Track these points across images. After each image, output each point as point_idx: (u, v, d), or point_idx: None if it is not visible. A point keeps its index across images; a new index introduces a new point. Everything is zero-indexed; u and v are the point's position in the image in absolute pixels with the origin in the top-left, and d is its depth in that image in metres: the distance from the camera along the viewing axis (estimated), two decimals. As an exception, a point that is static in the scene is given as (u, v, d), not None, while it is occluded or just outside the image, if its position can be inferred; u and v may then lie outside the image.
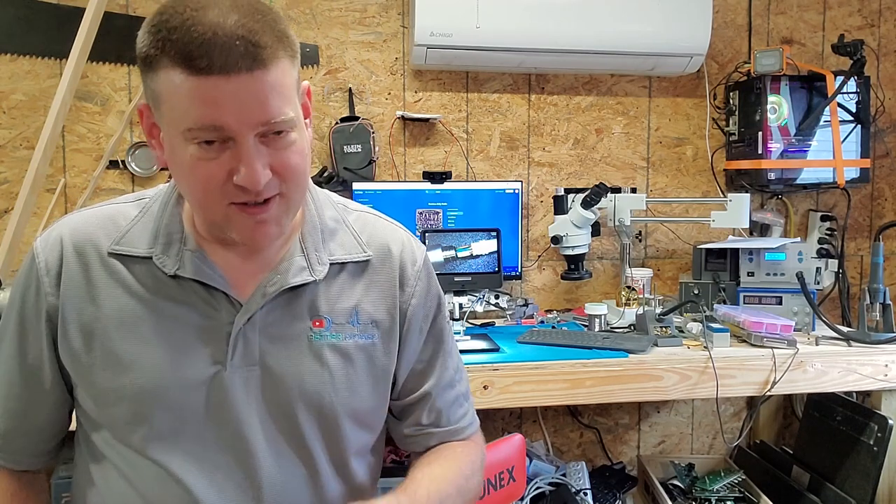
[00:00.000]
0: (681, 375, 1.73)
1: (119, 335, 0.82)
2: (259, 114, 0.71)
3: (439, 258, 1.89)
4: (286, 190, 0.77)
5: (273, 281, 0.84)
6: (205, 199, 0.76)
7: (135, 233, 0.85)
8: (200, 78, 0.69)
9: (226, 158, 0.73)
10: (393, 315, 0.90)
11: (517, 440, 1.64)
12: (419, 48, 2.09)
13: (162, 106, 0.73)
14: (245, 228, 0.78)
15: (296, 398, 0.84)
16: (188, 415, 0.82)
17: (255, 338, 0.83)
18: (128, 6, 2.10)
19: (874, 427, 1.86)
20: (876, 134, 2.48)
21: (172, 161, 0.77)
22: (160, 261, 0.83)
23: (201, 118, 0.70)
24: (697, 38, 2.19)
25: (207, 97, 0.69)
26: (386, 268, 0.91)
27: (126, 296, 0.83)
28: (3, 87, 2.03)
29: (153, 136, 0.80)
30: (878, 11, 2.51)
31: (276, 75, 0.72)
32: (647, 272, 2.21)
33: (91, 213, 0.88)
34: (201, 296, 0.83)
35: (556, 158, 2.37)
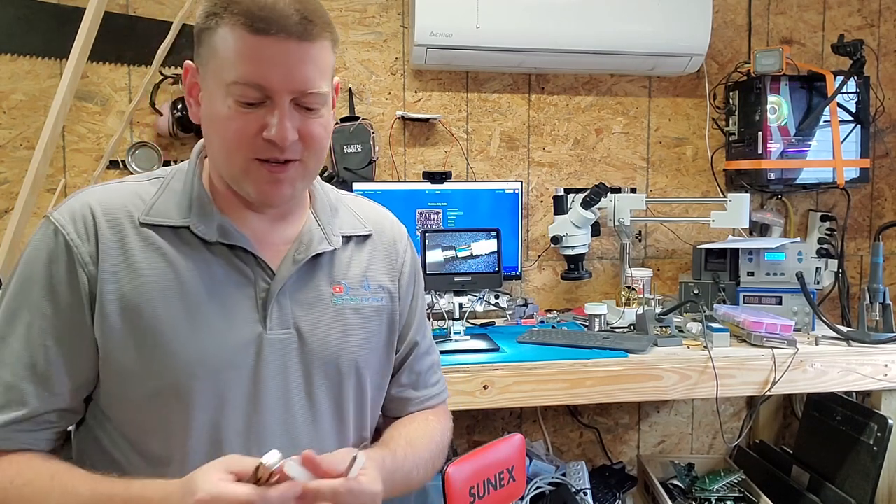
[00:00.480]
0: (681, 375, 1.73)
1: (162, 303, 0.83)
2: (299, 80, 0.81)
3: (439, 258, 1.89)
4: (306, 157, 0.85)
5: (300, 249, 0.91)
6: (234, 149, 0.82)
7: (161, 205, 0.87)
8: (257, 37, 0.78)
9: (260, 114, 0.81)
10: (393, 281, 1.01)
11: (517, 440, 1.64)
12: (419, 48, 2.09)
13: (212, 61, 0.81)
14: (261, 183, 0.84)
15: (329, 358, 0.91)
16: (235, 378, 0.85)
17: (287, 303, 0.89)
18: (128, 6, 2.10)
19: (874, 427, 1.86)
20: (876, 134, 2.48)
21: (209, 115, 0.83)
22: (199, 229, 0.86)
23: (249, 73, 0.78)
24: (697, 38, 2.19)
25: (259, 55, 0.78)
26: (383, 241, 1.02)
27: (164, 262, 0.85)
28: (4, 87, 2.03)
29: (192, 94, 0.87)
30: (878, 11, 2.51)
31: (320, 52, 0.83)
32: (646, 272, 2.21)
33: (112, 187, 0.89)
34: (234, 263, 0.87)
35: (555, 158, 2.38)
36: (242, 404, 0.85)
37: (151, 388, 0.83)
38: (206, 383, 0.84)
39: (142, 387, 0.83)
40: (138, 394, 0.83)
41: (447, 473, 1.44)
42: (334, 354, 0.91)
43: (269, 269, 0.89)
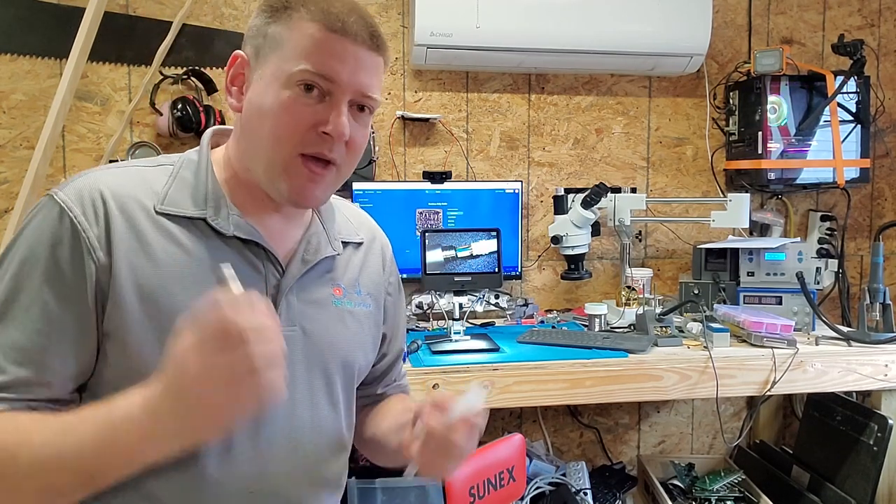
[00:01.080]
0: (681, 375, 1.73)
1: (182, 293, 0.81)
2: (364, 82, 0.84)
3: (439, 258, 1.89)
4: (343, 163, 0.87)
5: (308, 250, 0.93)
6: (284, 139, 0.82)
7: (174, 195, 0.86)
8: (334, 35, 0.82)
9: (319, 108, 0.82)
10: (380, 291, 1.04)
11: (517, 440, 1.64)
12: (419, 48, 2.09)
13: (276, 52, 0.83)
14: (299, 181, 0.85)
15: (331, 357, 0.93)
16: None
17: (294, 301, 0.90)
18: (128, 6, 2.10)
19: (874, 427, 1.86)
20: (876, 134, 2.48)
21: (259, 104, 0.84)
22: (216, 222, 0.86)
23: (322, 64, 0.81)
24: (697, 38, 2.19)
25: (334, 51, 0.82)
26: (374, 250, 1.05)
27: (182, 253, 0.83)
28: (4, 86, 2.03)
29: (236, 83, 0.88)
30: (878, 11, 2.51)
31: (380, 65, 0.87)
32: (647, 272, 2.21)
33: (120, 172, 0.87)
34: (246, 257, 0.87)
35: (556, 158, 2.37)
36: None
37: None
38: None
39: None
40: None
41: (447, 473, 1.43)
42: (333, 353, 0.94)
43: (279, 265, 0.90)
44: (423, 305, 2.10)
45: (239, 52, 0.88)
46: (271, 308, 0.72)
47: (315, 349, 0.92)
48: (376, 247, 1.06)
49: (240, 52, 0.88)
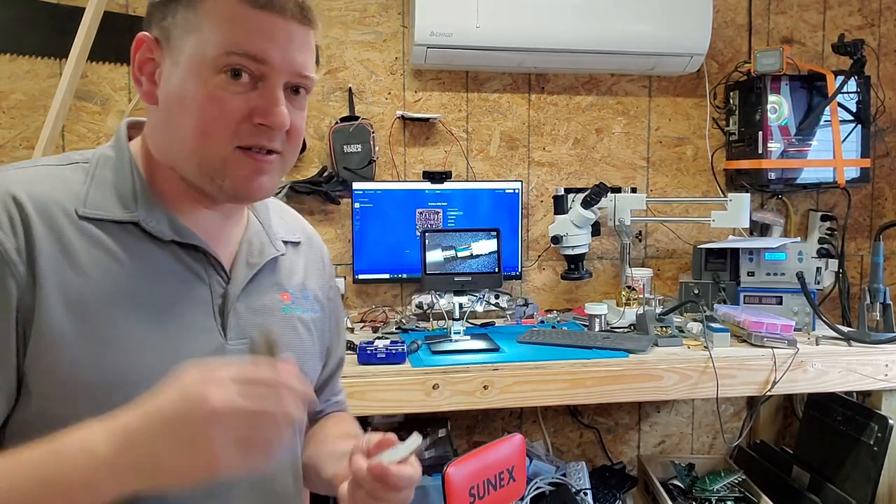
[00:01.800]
0: (681, 375, 1.73)
1: (117, 307, 0.72)
2: (299, 62, 0.75)
3: (439, 258, 1.89)
4: (286, 150, 0.79)
5: (252, 252, 0.84)
6: (214, 133, 0.73)
7: (96, 196, 0.75)
8: (258, 11, 0.72)
9: (252, 96, 0.73)
10: (324, 293, 0.96)
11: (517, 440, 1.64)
12: (419, 48, 2.09)
13: (191, 35, 0.73)
14: (242, 174, 0.75)
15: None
16: None
17: (243, 311, 0.81)
18: (127, 6, 2.10)
19: (874, 427, 1.86)
20: (876, 133, 2.48)
21: (178, 95, 0.74)
22: (150, 225, 0.75)
23: (249, 44, 0.72)
24: (697, 38, 2.19)
25: (261, 28, 0.72)
26: (314, 249, 0.97)
27: (113, 262, 0.73)
28: (3, 86, 2.03)
29: (144, 70, 0.77)
30: (879, 11, 2.50)
31: (312, 39, 0.78)
32: (647, 272, 2.21)
33: (32, 172, 0.75)
34: (187, 263, 0.78)
35: (556, 158, 2.37)
36: None
37: (107, 404, 0.68)
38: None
39: (95, 402, 0.69)
40: (90, 410, 0.67)
41: (447, 473, 1.43)
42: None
43: (223, 271, 0.81)
44: (423, 305, 2.09)
45: (144, 35, 0.76)
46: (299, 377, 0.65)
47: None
48: (315, 246, 0.98)
49: (145, 35, 0.76)
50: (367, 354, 1.66)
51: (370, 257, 2.13)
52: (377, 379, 1.62)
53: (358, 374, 1.62)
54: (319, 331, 0.93)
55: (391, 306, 2.27)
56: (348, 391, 1.60)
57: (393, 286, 2.28)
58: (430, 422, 2.08)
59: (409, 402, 1.63)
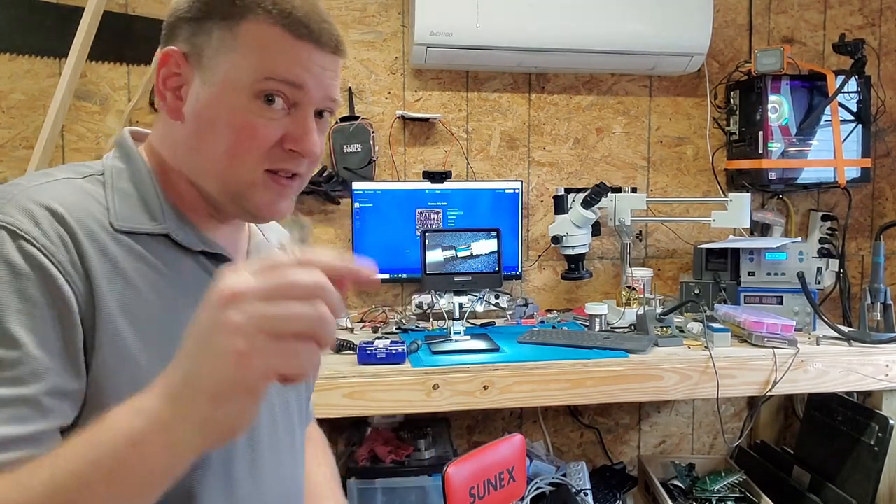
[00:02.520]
0: (681, 375, 1.73)
1: (167, 316, 0.72)
2: (331, 90, 0.78)
3: (439, 258, 1.89)
4: (305, 172, 0.80)
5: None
6: (244, 158, 0.75)
7: (123, 210, 0.74)
8: (298, 40, 0.74)
9: (285, 122, 0.75)
10: None
11: (517, 440, 1.63)
12: (419, 47, 2.08)
13: (228, 55, 0.74)
14: (268, 198, 0.77)
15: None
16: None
17: None
18: (127, 6, 2.10)
19: (875, 427, 1.86)
20: (877, 133, 2.48)
21: (210, 115, 0.74)
22: (180, 237, 0.76)
23: (289, 71, 0.74)
24: (698, 38, 2.19)
25: (301, 58, 0.74)
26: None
27: (153, 273, 0.73)
28: (3, 86, 2.02)
29: (169, 85, 0.76)
30: (879, 11, 2.50)
31: (340, 67, 0.81)
32: (647, 272, 2.21)
33: (61, 186, 0.73)
34: (211, 272, 0.78)
35: (556, 158, 2.37)
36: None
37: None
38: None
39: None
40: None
41: (447, 474, 1.43)
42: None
43: None
44: (423, 305, 2.09)
45: (172, 50, 0.75)
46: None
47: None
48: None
49: (173, 50, 0.75)
50: (367, 354, 1.66)
51: (370, 257, 2.12)
52: (377, 379, 1.62)
53: (358, 374, 1.62)
54: None
55: (391, 306, 2.27)
56: (348, 391, 1.61)
57: (393, 286, 2.28)
58: (430, 422, 2.08)
59: (409, 402, 1.62)
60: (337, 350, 1.77)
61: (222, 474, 0.75)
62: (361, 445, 1.93)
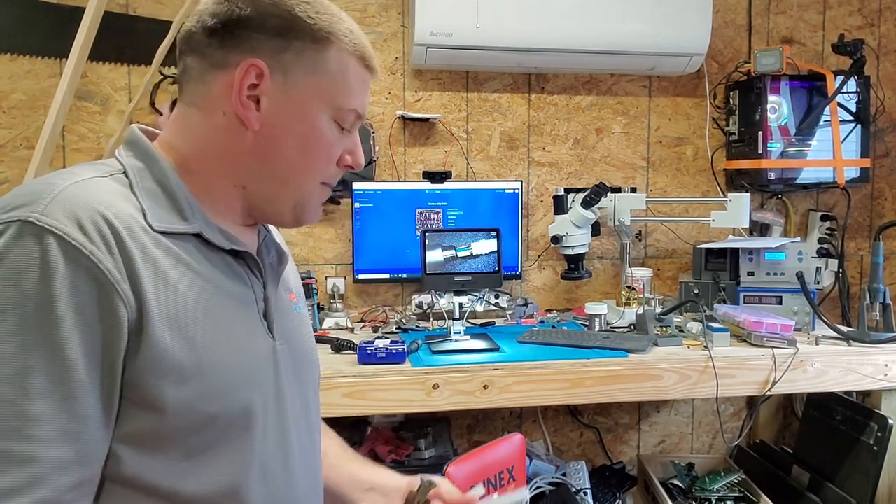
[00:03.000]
0: (681, 375, 1.73)
1: (207, 320, 0.73)
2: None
3: (439, 258, 1.89)
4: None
5: (273, 258, 0.90)
6: (318, 170, 0.83)
7: (154, 209, 0.73)
8: (367, 72, 0.84)
9: (344, 142, 0.84)
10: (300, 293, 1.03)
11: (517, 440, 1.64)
12: (419, 48, 2.09)
13: (315, 76, 0.79)
14: (318, 205, 0.86)
15: (309, 367, 0.91)
16: (269, 395, 0.80)
17: (275, 313, 0.85)
18: (128, 6, 2.10)
19: (874, 427, 1.86)
20: (876, 133, 2.48)
21: (286, 127, 0.79)
22: (210, 236, 0.77)
23: (362, 105, 0.84)
24: (697, 38, 2.19)
25: (366, 90, 0.85)
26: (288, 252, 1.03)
27: (191, 274, 0.74)
28: (4, 86, 2.03)
29: (248, 94, 0.77)
30: (878, 11, 2.51)
31: None
32: (646, 272, 2.21)
33: (96, 186, 0.71)
34: (236, 271, 0.81)
35: (556, 158, 2.37)
36: (276, 422, 0.80)
37: (207, 418, 0.71)
38: (256, 402, 0.77)
39: (196, 420, 0.70)
40: (190, 430, 0.70)
41: (447, 473, 1.43)
42: (313, 363, 0.94)
43: (261, 277, 0.84)
44: (423, 305, 2.10)
45: (257, 62, 0.76)
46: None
47: (299, 364, 0.88)
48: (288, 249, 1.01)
49: (258, 63, 0.76)
50: (367, 354, 1.67)
51: (370, 257, 2.13)
52: (377, 379, 1.62)
53: (358, 374, 1.62)
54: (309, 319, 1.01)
55: (391, 306, 2.27)
56: (349, 390, 1.62)
57: (393, 286, 2.28)
58: (431, 421, 2.08)
59: (409, 402, 1.63)
60: (337, 349, 1.77)
61: (261, 470, 0.77)
62: (362, 445, 1.93)
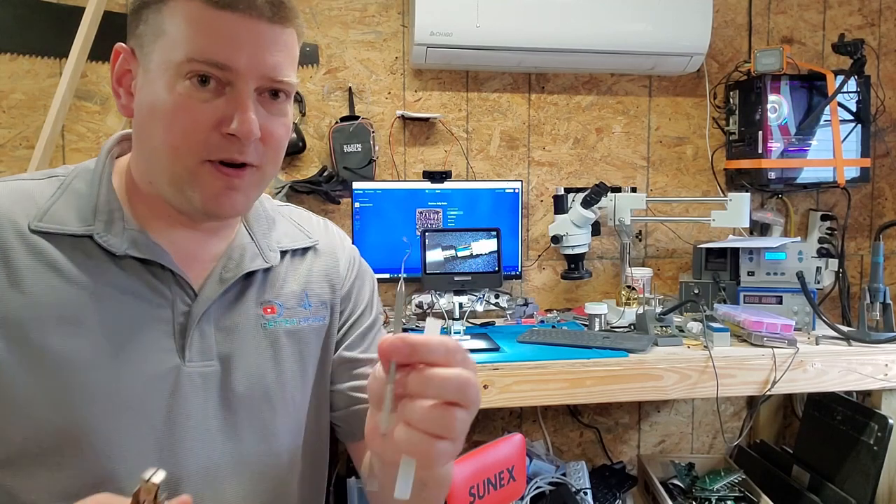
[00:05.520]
0: (681, 375, 1.73)
1: (58, 327, 0.68)
2: (269, 65, 0.70)
3: (439, 258, 1.89)
4: (264, 162, 0.74)
5: (228, 266, 0.79)
6: (182, 145, 0.69)
7: (59, 210, 0.72)
8: (221, 11, 0.67)
9: (219, 104, 0.69)
10: (339, 296, 0.90)
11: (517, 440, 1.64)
12: (419, 47, 2.08)
13: (158, 41, 0.69)
14: (212, 190, 0.71)
15: (260, 393, 0.79)
16: (143, 420, 0.71)
17: (209, 329, 0.76)
18: (127, 5, 2.10)
19: (874, 427, 1.86)
20: (876, 133, 2.48)
21: (149, 105, 0.70)
22: (104, 239, 0.72)
23: (211, 50, 0.67)
24: (698, 38, 2.19)
25: (224, 31, 0.67)
26: (330, 253, 0.91)
27: (59, 280, 0.70)
28: (3, 86, 2.03)
29: (123, 83, 0.74)
30: (878, 11, 2.50)
31: (290, 38, 0.72)
32: (647, 271, 2.21)
33: (5, 186, 0.74)
34: (147, 281, 0.74)
35: (556, 158, 2.37)
36: (153, 451, 0.71)
37: (41, 434, 0.67)
38: (109, 424, 0.69)
39: (31, 419, 0.67)
40: (19, 443, 0.67)
41: (447, 473, 1.43)
42: (265, 389, 0.79)
43: (190, 288, 0.76)
44: (423, 305, 2.09)
45: (120, 45, 0.73)
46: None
47: (240, 386, 0.77)
48: (331, 249, 0.92)
49: (121, 45, 0.73)
50: (367, 354, 1.66)
51: (370, 257, 2.12)
52: (377, 378, 1.62)
53: (358, 374, 1.62)
54: (326, 336, 0.87)
55: (391, 306, 2.27)
56: (348, 391, 1.61)
57: (393, 286, 2.28)
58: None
59: (409, 402, 1.62)
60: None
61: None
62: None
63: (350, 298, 0.92)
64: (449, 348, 0.54)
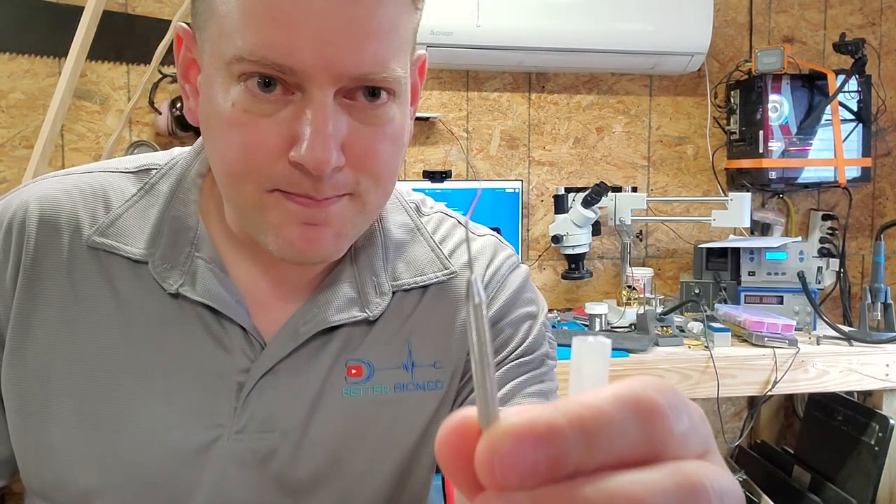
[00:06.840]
0: (681, 375, 1.73)
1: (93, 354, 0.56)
2: (353, 57, 0.47)
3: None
4: (363, 189, 0.52)
5: (307, 318, 0.59)
6: (240, 173, 0.50)
7: (129, 220, 0.58)
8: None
9: (285, 116, 0.48)
10: (466, 351, 0.64)
11: (517, 440, 1.63)
12: (419, 47, 2.08)
13: (210, 23, 0.50)
14: (286, 229, 0.52)
15: (328, 474, 0.60)
16: (161, 499, 0.56)
17: (269, 393, 0.58)
18: (126, 5, 2.09)
19: (875, 427, 1.86)
20: (877, 133, 2.47)
21: (204, 113, 0.53)
22: (158, 272, 0.56)
23: (260, 44, 0.46)
24: (698, 37, 2.18)
25: (278, 14, 0.45)
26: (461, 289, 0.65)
27: (112, 300, 0.57)
28: (2, 85, 2.02)
29: (189, 77, 0.56)
30: (880, 10, 2.50)
31: (391, 13, 0.49)
32: (647, 271, 2.21)
33: (74, 182, 0.60)
34: (208, 325, 0.57)
35: (556, 157, 2.37)
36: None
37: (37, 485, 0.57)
38: (123, 496, 0.55)
39: (29, 477, 0.58)
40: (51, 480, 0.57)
41: (447, 474, 1.43)
42: (337, 474, 0.60)
43: (258, 339, 0.58)
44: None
45: (182, 27, 0.56)
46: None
47: (302, 465, 0.59)
48: (494, 281, 0.68)
49: (182, 27, 0.56)
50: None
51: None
52: (377, 379, 1.61)
53: (358, 374, 1.61)
54: (439, 406, 0.64)
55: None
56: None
57: (393, 286, 2.27)
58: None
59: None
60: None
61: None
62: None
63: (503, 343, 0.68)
64: (656, 415, 0.24)
